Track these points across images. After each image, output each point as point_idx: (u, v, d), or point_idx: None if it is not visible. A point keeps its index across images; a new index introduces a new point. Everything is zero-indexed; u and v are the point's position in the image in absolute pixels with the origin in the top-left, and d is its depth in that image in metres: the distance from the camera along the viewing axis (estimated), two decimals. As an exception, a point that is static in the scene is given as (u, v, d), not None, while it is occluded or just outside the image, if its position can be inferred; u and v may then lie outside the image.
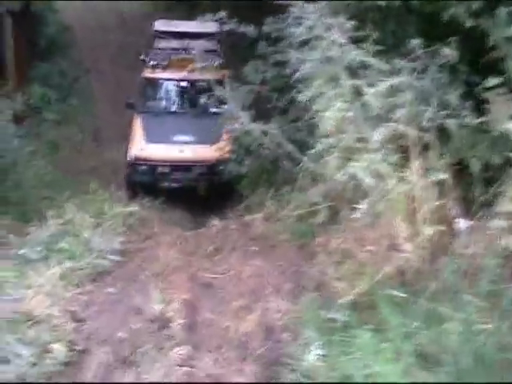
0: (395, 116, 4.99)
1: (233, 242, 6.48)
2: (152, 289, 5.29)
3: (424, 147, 5.09)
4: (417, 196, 4.71)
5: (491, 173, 5.44)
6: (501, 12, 5.24)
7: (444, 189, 4.98)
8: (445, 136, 5.40)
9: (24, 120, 10.99)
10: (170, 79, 11.19)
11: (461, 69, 5.65)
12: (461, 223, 4.70)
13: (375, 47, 5.42)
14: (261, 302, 5.06)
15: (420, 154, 5.00)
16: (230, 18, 7.79)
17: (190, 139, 10.32)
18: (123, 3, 16.71)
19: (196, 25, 11.95)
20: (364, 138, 4.84)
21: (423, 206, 4.67)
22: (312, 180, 5.67)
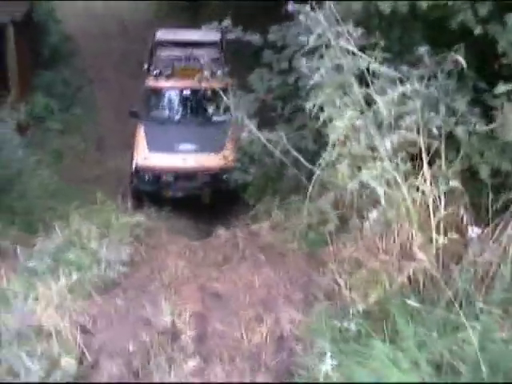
0: (405, 123, 4.97)
1: (241, 252, 6.43)
2: (161, 300, 5.24)
3: (433, 154, 5.08)
4: (428, 204, 4.68)
5: (500, 179, 5.43)
6: (510, 18, 5.22)
7: (454, 196, 4.96)
8: (454, 143, 5.38)
9: (27, 129, 11.01)
10: (173, 88, 11.20)
11: (468, 75, 5.61)
12: (473, 231, 4.67)
13: (382, 55, 5.41)
14: (272, 312, 5.01)
15: (430, 162, 4.98)
16: (235, 26, 7.77)
17: (194, 148, 10.32)
18: (125, 12, 16.78)
19: (198, 33, 11.94)
20: (374, 146, 4.82)
21: (435, 214, 4.64)
22: (322, 188, 5.63)
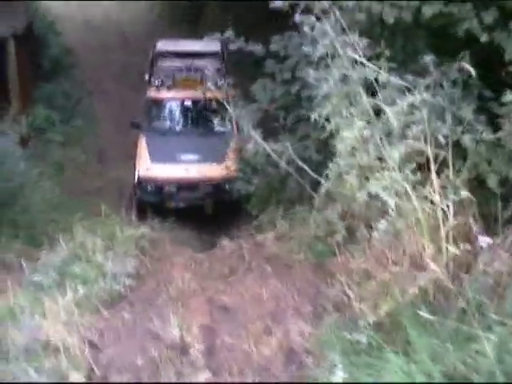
0: (412, 133, 4.95)
1: (247, 263, 6.38)
2: (169, 313, 5.19)
3: (441, 164, 5.05)
4: (438, 214, 4.65)
5: (509, 188, 5.41)
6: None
7: (463, 205, 4.93)
8: (460, 152, 5.36)
9: (28, 141, 10.99)
10: (175, 99, 11.20)
11: (474, 83, 5.60)
12: (483, 240, 4.63)
13: (387, 64, 5.39)
14: (281, 325, 4.97)
15: (438, 171, 4.95)
16: (236, 35, 7.74)
17: (196, 158, 10.31)
18: (125, 23, 16.83)
19: (199, 44, 11.99)
20: (382, 157, 4.79)
21: (445, 224, 4.60)
22: (327, 198, 5.60)
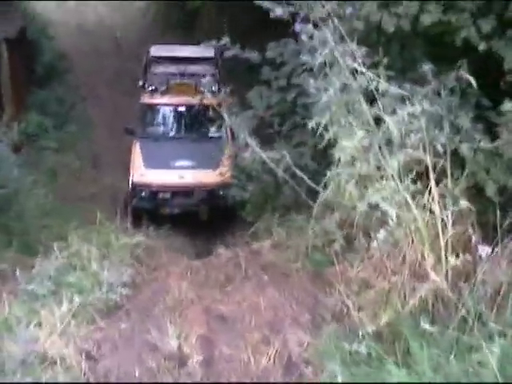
0: (410, 142, 4.94)
1: (243, 271, 6.34)
2: (166, 323, 5.16)
3: (439, 172, 5.04)
4: (437, 223, 4.64)
5: (507, 196, 5.41)
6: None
7: (462, 214, 4.91)
8: (459, 160, 5.35)
9: (21, 148, 10.89)
10: (169, 104, 11.14)
11: (471, 92, 5.60)
12: (482, 249, 4.62)
13: (385, 72, 5.38)
14: (279, 335, 4.94)
15: (436, 180, 4.94)
16: (231, 40, 7.70)
17: (191, 164, 10.25)
18: (118, 28, 16.79)
19: (193, 49, 11.93)
20: (381, 166, 4.77)
21: (444, 233, 4.59)
22: (325, 207, 5.57)
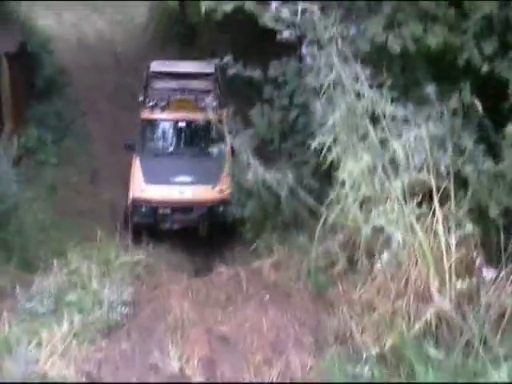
0: (414, 164, 4.94)
1: (245, 291, 6.30)
2: (168, 344, 5.11)
3: (443, 193, 5.04)
4: (441, 245, 4.62)
5: (510, 218, 5.40)
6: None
7: (466, 236, 4.90)
8: (462, 182, 5.35)
9: (20, 162, 10.84)
10: (169, 120, 11.14)
11: (474, 112, 5.62)
12: (487, 272, 4.61)
13: (389, 93, 5.40)
14: (282, 356, 4.90)
15: (440, 201, 4.94)
16: (231, 55, 7.69)
17: (191, 180, 10.22)
18: (118, 43, 16.81)
19: (193, 65, 11.96)
20: (385, 188, 4.77)
21: (448, 256, 4.58)
22: (328, 227, 5.56)
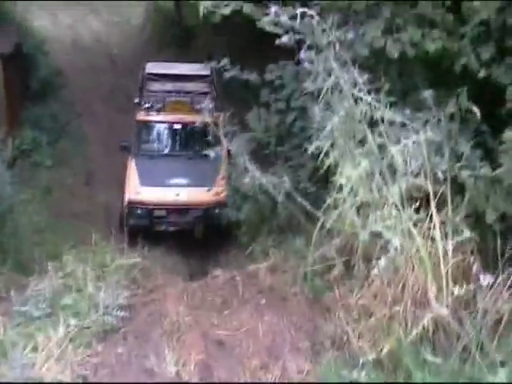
0: (411, 169, 4.94)
1: (240, 295, 6.29)
2: (164, 348, 5.10)
3: (440, 199, 5.04)
4: (438, 251, 4.63)
5: (507, 224, 5.41)
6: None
7: (463, 241, 4.91)
8: (458, 187, 5.36)
9: (15, 163, 10.81)
10: (164, 122, 11.12)
11: (471, 118, 5.63)
12: (484, 278, 4.61)
13: (387, 98, 5.39)
14: (278, 361, 4.90)
15: (437, 207, 4.94)
16: (227, 56, 7.68)
17: (186, 182, 10.22)
18: (114, 45, 16.80)
19: (189, 67, 11.95)
20: (382, 193, 4.77)
21: (445, 261, 4.58)
22: (325, 231, 5.55)
